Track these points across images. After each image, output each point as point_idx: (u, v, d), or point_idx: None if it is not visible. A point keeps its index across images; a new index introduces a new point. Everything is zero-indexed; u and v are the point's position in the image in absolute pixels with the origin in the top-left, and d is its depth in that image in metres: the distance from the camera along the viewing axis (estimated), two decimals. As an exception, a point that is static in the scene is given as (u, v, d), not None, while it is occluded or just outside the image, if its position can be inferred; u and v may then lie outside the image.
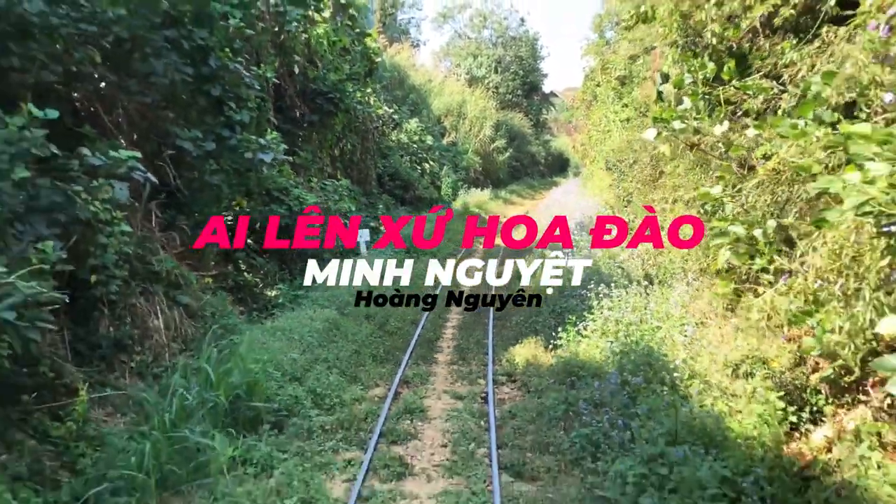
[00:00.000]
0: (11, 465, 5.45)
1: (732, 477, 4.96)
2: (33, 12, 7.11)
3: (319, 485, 5.53)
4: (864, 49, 4.28)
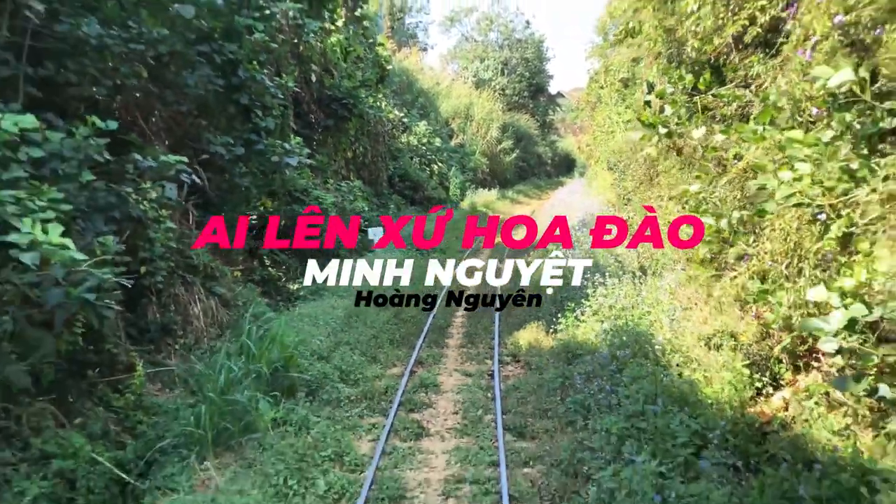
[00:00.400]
0: (87, 426, 6.40)
1: (702, 430, 5.86)
2: (92, 35, 8.08)
3: (349, 442, 6.47)
4: (795, 70, 5.16)
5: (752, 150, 6.26)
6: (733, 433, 5.88)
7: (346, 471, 5.98)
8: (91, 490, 5.65)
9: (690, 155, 8.07)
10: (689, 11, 7.64)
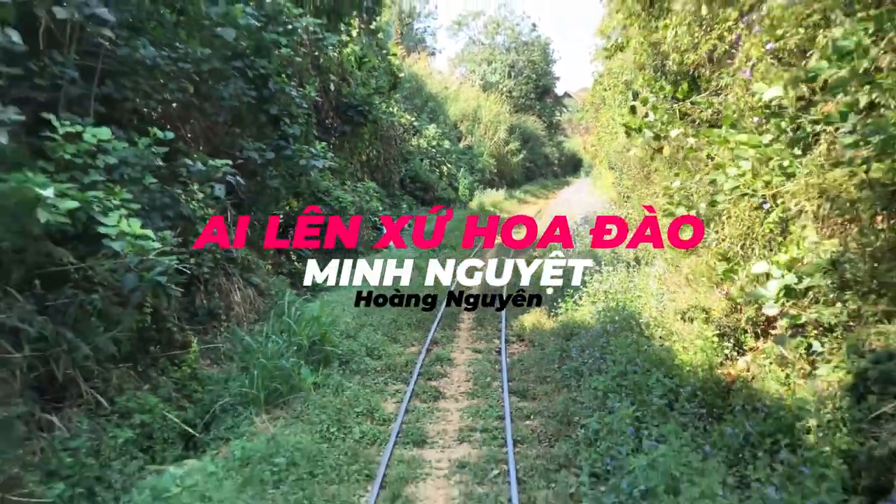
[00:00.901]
0: (157, 391, 7.58)
1: (675, 388, 6.97)
2: (147, 56, 9.27)
3: (377, 402, 7.64)
4: (740, 85, 6.27)
5: (718, 150, 7.39)
6: (703, 390, 6.98)
7: (376, 424, 7.15)
8: (165, 440, 6.83)
9: (673, 155, 9.18)
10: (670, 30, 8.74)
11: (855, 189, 4.85)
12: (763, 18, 5.76)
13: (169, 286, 7.56)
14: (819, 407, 4.94)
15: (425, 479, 5.96)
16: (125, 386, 7.17)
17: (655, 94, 8.87)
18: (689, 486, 4.81)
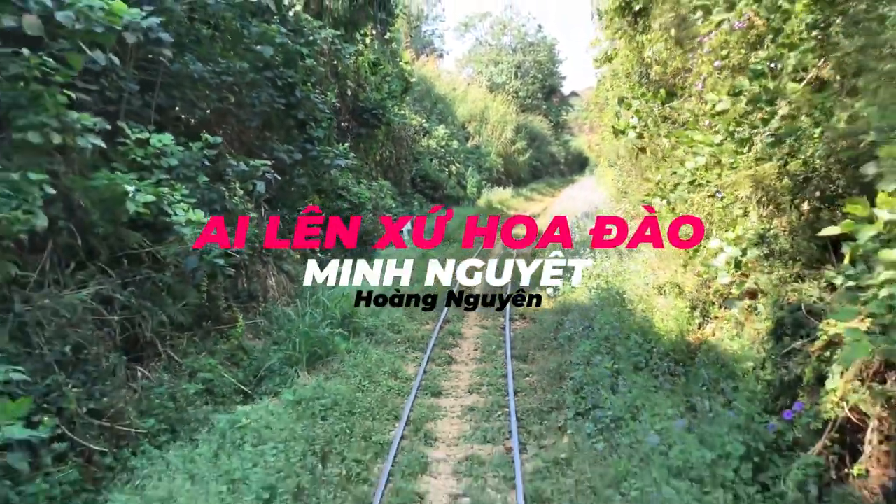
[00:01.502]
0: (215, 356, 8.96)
1: (650, 349, 8.30)
2: (197, 71, 10.68)
3: (399, 365, 9.03)
4: (695, 95, 7.58)
5: (685, 148, 8.71)
6: (673, 350, 8.31)
7: (400, 381, 8.53)
8: (224, 394, 8.21)
9: (653, 153, 10.51)
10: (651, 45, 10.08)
11: (777, 179, 6.16)
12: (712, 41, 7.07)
13: (223, 267, 9.00)
14: (751, 350, 6.27)
15: (441, 418, 7.34)
16: (189, 350, 8.57)
17: (638, 100, 10.18)
18: (649, 411, 6.16)
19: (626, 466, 5.44)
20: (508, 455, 6.27)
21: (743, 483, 4.96)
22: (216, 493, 4.97)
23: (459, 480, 5.89)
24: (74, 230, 7.18)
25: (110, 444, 6.33)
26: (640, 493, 5.01)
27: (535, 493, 5.47)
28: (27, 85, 6.57)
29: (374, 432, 6.80)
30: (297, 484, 5.41)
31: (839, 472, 4.95)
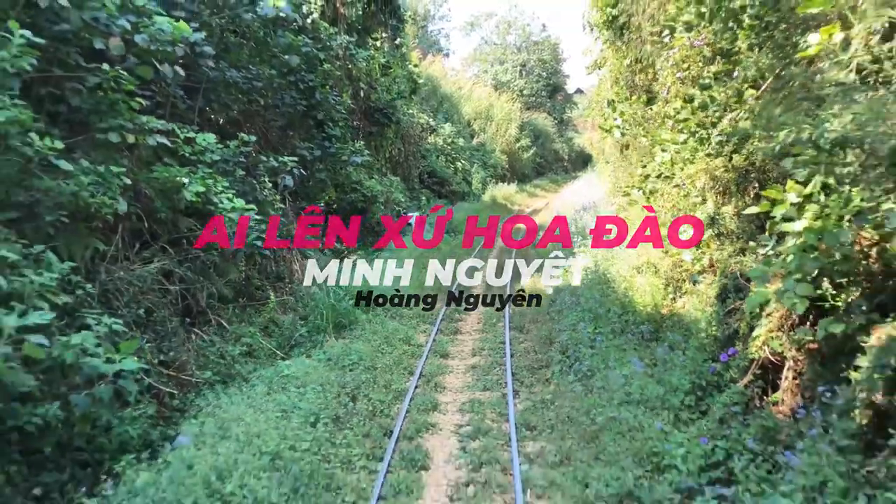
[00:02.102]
0: (253, 325, 10.36)
1: (628, 318, 9.65)
2: (232, 78, 12.06)
3: (412, 335, 10.42)
4: (662, 101, 8.92)
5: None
6: (648, 320, 9.66)
7: (413, 346, 9.92)
8: (262, 356, 9.60)
9: (635, 149, 11.85)
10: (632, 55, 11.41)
11: (725, 172, 7.50)
12: (675, 56, 8.39)
13: (261, 248, 10.41)
14: (704, 312, 7.63)
15: (449, 373, 8.73)
16: (232, 319, 9.97)
17: (622, 103, 11.52)
18: (618, 362, 7.53)
19: (596, 401, 6.82)
20: (503, 398, 7.65)
21: (686, 409, 6.32)
22: (273, 417, 6.36)
23: (463, 415, 7.28)
24: (142, 214, 8.59)
25: (177, 390, 7.74)
26: (605, 419, 6.38)
27: (524, 422, 6.85)
28: (106, 94, 7.96)
29: (393, 382, 8.20)
30: (335, 414, 6.81)
31: (760, 401, 6.30)
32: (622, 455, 5.67)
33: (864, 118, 4.48)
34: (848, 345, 5.24)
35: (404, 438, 6.65)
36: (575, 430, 6.48)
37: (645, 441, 5.77)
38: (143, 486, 5.04)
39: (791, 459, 5.01)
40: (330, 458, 5.98)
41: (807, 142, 4.90)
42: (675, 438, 5.74)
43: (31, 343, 4.88)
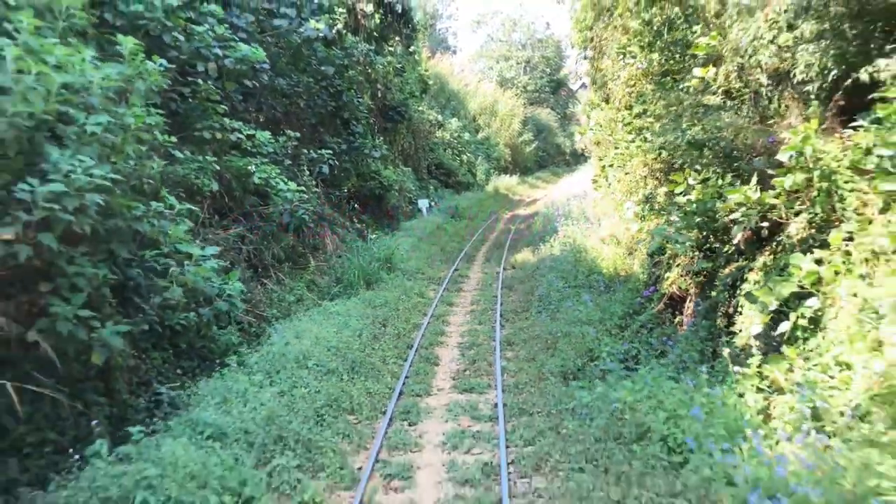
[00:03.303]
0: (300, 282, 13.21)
1: (594, 278, 12.46)
2: (278, 85, 14.86)
3: (425, 290, 13.29)
4: (614, 109, 11.71)
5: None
6: (610, 279, 12.48)
7: (426, 298, 12.78)
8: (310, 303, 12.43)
9: (604, 146, 14.58)
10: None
11: (655, 163, 10.27)
12: (625, 74, 11.14)
13: (307, 221, 13.25)
14: (640, 266, 10.44)
15: (453, 315, 11.58)
16: (285, 276, 12.83)
17: (594, 109, 14.29)
18: (575, 300, 10.36)
19: (557, 325, 9.65)
20: (493, 328, 10.49)
21: (616, 327, 9.16)
22: (331, 329, 9.20)
23: (463, 338, 10.13)
24: (223, 193, 11.42)
25: (254, 320, 10.59)
26: (561, 334, 9.20)
27: (505, 340, 9.71)
28: (201, 102, 10.78)
29: (412, 318, 11.05)
30: (373, 333, 9.68)
31: (670, 321, 9.11)
32: (569, 352, 8.50)
33: (709, 127, 7.27)
34: (715, 276, 8.06)
35: (421, 348, 9.52)
36: (540, 342, 9.32)
37: (585, 344, 8.60)
38: (256, 361, 7.89)
39: (673, 348, 7.83)
40: (372, 355, 8.84)
41: (681, 143, 7.68)
42: (605, 342, 8.57)
43: (190, 269, 7.73)
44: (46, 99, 5.68)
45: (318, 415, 6.71)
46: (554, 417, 6.60)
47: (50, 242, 5.26)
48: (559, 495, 5.19)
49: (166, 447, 5.21)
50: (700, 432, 5.15)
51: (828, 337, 5.59)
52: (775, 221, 6.81)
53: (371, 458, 6.03)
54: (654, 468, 5.14)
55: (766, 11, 6.86)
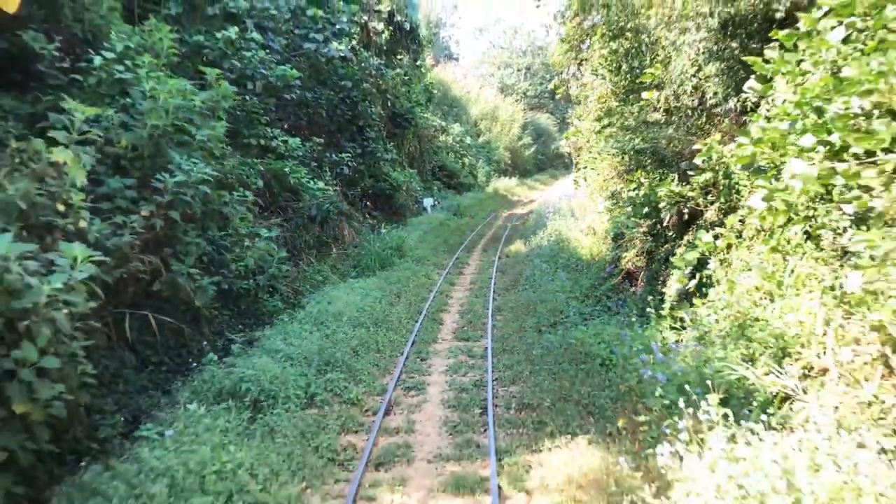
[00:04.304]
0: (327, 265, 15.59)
1: (574, 263, 14.83)
2: (306, 97, 17.24)
3: (430, 274, 15.66)
4: (586, 116, 14.08)
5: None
6: (587, 263, 14.83)
7: (431, 280, 15.12)
8: (335, 281, 14.82)
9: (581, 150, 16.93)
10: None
11: (620, 165, 12.61)
12: (597, 93, 13.49)
13: (332, 214, 15.64)
14: (607, 250, 12.80)
15: (454, 291, 13.95)
16: (315, 260, 15.20)
17: (577, 119, 16.65)
18: (554, 278, 12.72)
19: (537, 295, 12.00)
20: (487, 300, 12.84)
21: (583, 296, 11.51)
22: (357, 297, 11.55)
23: (462, 306, 12.50)
24: (265, 190, 13.79)
25: (292, 293, 12.96)
26: (540, 301, 11.55)
27: (496, 308, 12.08)
28: (247, 114, 13.16)
29: (420, 293, 13.43)
30: (389, 301, 12.05)
31: (626, 290, 11.44)
32: (544, 313, 10.85)
33: (648, 138, 9.63)
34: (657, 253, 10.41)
35: (429, 313, 11.88)
36: (523, 308, 11.68)
37: (557, 307, 10.95)
38: (303, 317, 10.25)
39: (622, 307, 10.18)
40: (391, 316, 11.20)
41: (629, 150, 10.05)
42: (573, 306, 10.92)
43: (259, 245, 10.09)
44: (166, 117, 8.08)
45: (354, 351, 9.07)
46: (527, 352, 8.96)
47: (176, 217, 7.64)
48: (528, 394, 7.53)
49: (255, 360, 7.59)
50: (624, 351, 7.49)
51: (718, 289, 7.94)
52: (694, 209, 9.18)
53: (394, 378, 8.39)
54: (592, 374, 7.50)
55: (689, 53, 9.22)
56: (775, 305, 6.61)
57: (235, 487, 5.18)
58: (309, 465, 5.92)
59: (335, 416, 7.07)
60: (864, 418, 4.91)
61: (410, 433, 6.84)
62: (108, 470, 5.17)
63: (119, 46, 8.59)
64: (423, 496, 5.54)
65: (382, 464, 6.14)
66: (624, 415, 6.04)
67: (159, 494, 4.82)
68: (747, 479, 4.20)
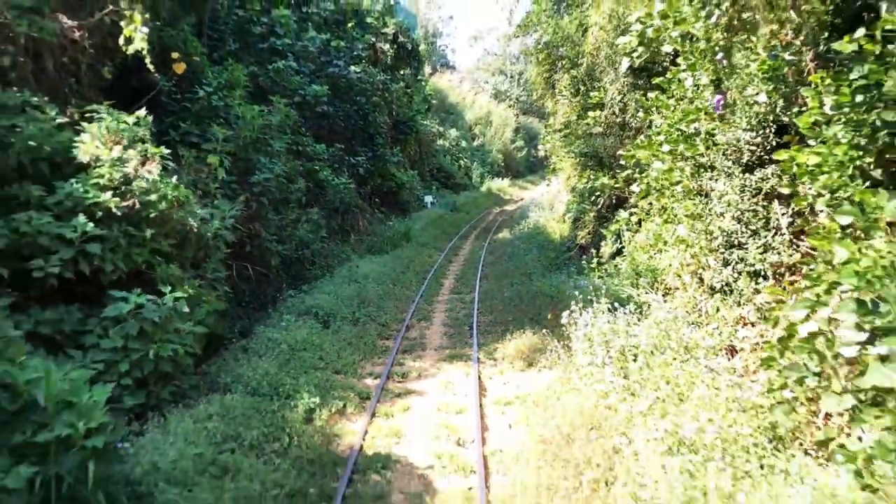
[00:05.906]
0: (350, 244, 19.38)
1: (548, 245, 18.60)
2: (328, 110, 20.99)
3: (432, 255, 19.45)
4: (559, 127, 17.85)
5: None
6: (553, 242, 18.58)
7: (433, 258, 18.87)
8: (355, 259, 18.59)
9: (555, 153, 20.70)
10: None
11: (588, 161, 16.34)
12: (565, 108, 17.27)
13: (352, 206, 19.41)
14: (575, 233, 16.59)
15: (453, 265, 17.71)
16: (338, 244, 18.94)
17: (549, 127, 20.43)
18: (527, 252, 16.51)
19: (514, 264, 15.78)
20: (476, 270, 16.58)
21: (548, 265, 15.29)
22: (376, 267, 15.29)
23: (458, 274, 16.24)
24: (303, 188, 17.55)
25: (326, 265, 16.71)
26: (515, 268, 15.31)
27: (483, 275, 15.84)
28: (292, 126, 16.91)
29: (425, 266, 17.17)
30: (402, 270, 15.81)
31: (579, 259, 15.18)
32: (517, 276, 14.60)
33: (590, 145, 13.41)
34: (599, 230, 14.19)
35: (432, 278, 15.63)
36: (503, 274, 15.44)
37: (527, 271, 14.70)
38: (340, 278, 13.97)
39: (572, 268, 13.96)
40: (403, 279, 14.96)
41: (579, 154, 13.83)
42: (539, 270, 14.68)
43: (304, 226, 13.85)
44: (254, 131, 11.84)
45: (379, 297, 12.84)
46: (501, 297, 12.73)
47: (264, 202, 11.38)
48: (499, 318, 11.29)
49: (317, 296, 11.35)
50: (563, 289, 11.23)
51: (628, 248, 11.70)
52: (620, 195, 12.95)
53: (409, 313, 12.15)
54: (540, 303, 11.28)
55: (616, 86, 13.00)
56: (660, 256, 10.38)
57: (322, 353, 8.94)
58: (362, 350, 9.69)
59: (374, 330, 10.85)
60: (686, 309, 8.66)
61: (423, 339, 10.61)
62: (244, 346, 8.92)
63: (214, 83, 12.32)
64: (433, 363, 9.30)
65: (406, 351, 9.92)
66: (551, 312, 9.80)
67: (283, 351, 8.57)
68: (610, 329, 7.93)
